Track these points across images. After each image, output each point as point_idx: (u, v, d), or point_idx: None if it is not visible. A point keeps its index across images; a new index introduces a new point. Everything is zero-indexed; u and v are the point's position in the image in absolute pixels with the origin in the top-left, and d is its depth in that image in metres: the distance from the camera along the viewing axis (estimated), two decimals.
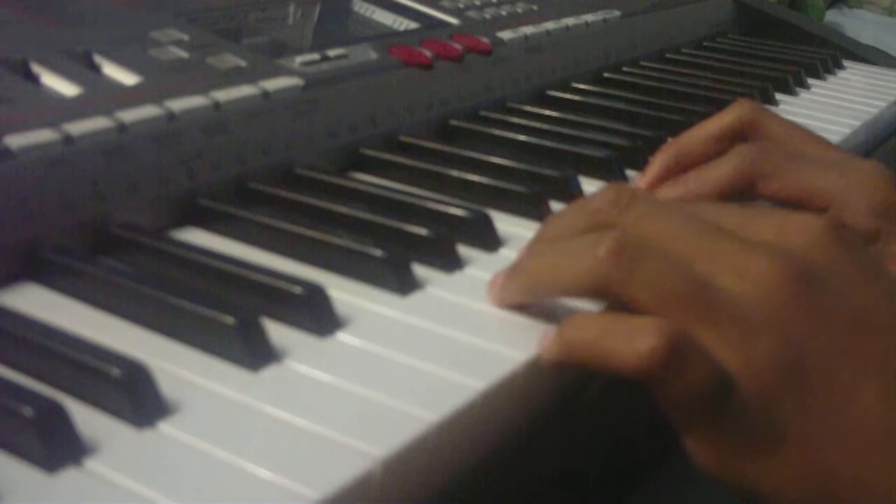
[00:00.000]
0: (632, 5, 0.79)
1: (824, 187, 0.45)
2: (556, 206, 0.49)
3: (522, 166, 0.51)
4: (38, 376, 0.32)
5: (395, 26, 0.64)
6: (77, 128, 0.40)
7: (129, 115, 0.42)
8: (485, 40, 0.62)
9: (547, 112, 0.62)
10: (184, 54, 0.49)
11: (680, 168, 0.48)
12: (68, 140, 0.40)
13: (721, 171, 0.46)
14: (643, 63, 0.77)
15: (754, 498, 0.33)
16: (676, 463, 0.47)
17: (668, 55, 0.81)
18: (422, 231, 0.42)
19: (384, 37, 0.61)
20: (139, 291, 0.36)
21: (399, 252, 0.40)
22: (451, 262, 0.42)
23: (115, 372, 0.31)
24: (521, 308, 0.38)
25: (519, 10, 0.70)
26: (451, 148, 0.54)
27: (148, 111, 0.43)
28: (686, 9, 0.87)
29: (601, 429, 0.42)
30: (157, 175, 0.43)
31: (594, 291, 0.35)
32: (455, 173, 0.50)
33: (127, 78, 0.46)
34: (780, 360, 0.32)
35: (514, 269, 0.38)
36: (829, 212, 0.44)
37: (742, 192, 0.46)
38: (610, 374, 0.33)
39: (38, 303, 0.37)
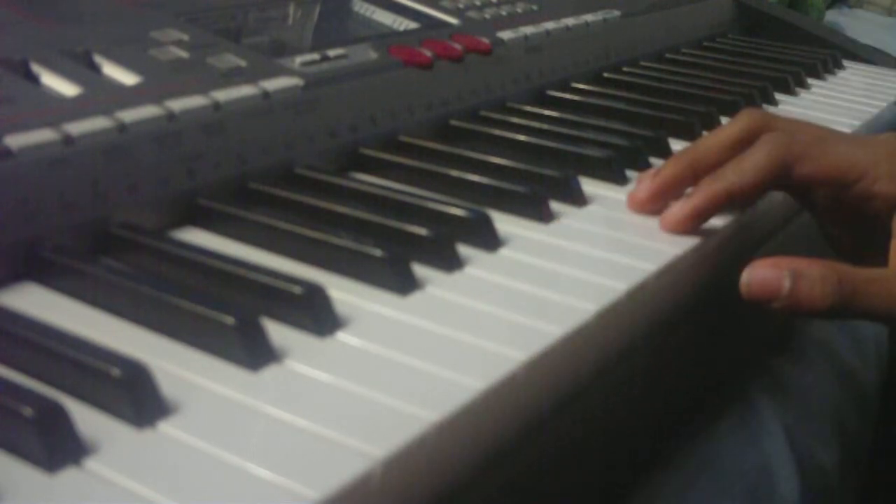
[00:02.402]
0: (632, 5, 0.79)
1: (855, 161, 0.47)
2: (556, 206, 0.49)
3: (522, 166, 0.51)
4: (38, 376, 0.32)
5: (395, 26, 0.64)
6: (77, 128, 0.40)
7: (129, 115, 0.42)
8: (485, 40, 0.62)
9: (547, 112, 0.62)
10: (184, 54, 0.49)
11: (694, 176, 0.49)
12: (68, 140, 0.40)
13: (758, 159, 0.47)
14: (643, 63, 0.77)
15: None
16: (676, 463, 0.47)
17: (668, 55, 0.81)
18: (422, 231, 0.42)
19: (384, 37, 0.61)
20: (139, 291, 0.36)
21: (399, 252, 0.40)
22: (451, 262, 0.42)
23: (115, 372, 0.31)
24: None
25: (519, 10, 0.70)
26: (451, 148, 0.54)
27: (148, 111, 0.43)
28: (686, 9, 0.87)
29: (600, 429, 0.42)
30: (157, 175, 0.43)
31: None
32: (455, 173, 0.50)
33: (127, 78, 0.46)
34: None
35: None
36: (860, 183, 0.47)
37: (780, 180, 0.48)
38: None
39: (38, 303, 0.37)
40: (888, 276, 0.44)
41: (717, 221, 0.48)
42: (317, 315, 0.36)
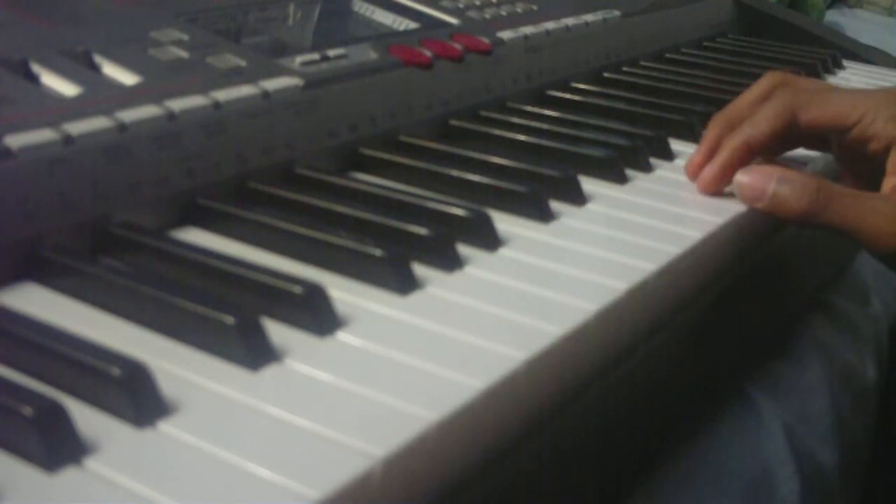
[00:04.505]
0: (632, 5, 0.79)
1: (854, 105, 0.53)
2: (556, 205, 0.49)
3: (522, 166, 0.51)
4: (38, 376, 0.32)
5: (395, 26, 0.64)
6: (77, 128, 0.40)
7: (129, 115, 0.42)
8: (485, 40, 0.62)
9: (547, 112, 0.62)
10: (184, 54, 0.49)
11: (733, 129, 0.54)
12: (68, 140, 0.40)
13: (767, 112, 0.53)
14: (643, 63, 0.77)
15: None
16: (676, 463, 0.47)
17: (668, 55, 0.81)
18: (422, 231, 0.42)
19: (384, 37, 0.61)
20: (139, 291, 0.36)
21: (399, 252, 0.40)
22: (451, 262, 0.42)
23: (115, 372, 0.31)
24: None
25: (519, 10, 0.70)
26: (451, 148, 0.54)
27: (148, 111, 0.43)
28: (686, 9, 0.87)
29: (600, 428, 0.42)
30: (157, 175, 0.43)
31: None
32: (455, 173, 0.50)
33: (127, 78, 0.46)
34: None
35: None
36: (858, 125, 0.52)
37: (789, 127, 0.53)
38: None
39: (38, 303, 0.37)
40: (863, 195, 0.49)
41: (717, 220, 0.49)
42: (317, 315, 0.36)
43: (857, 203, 0.48)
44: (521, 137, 0.57)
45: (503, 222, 0.45)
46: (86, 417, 0.30)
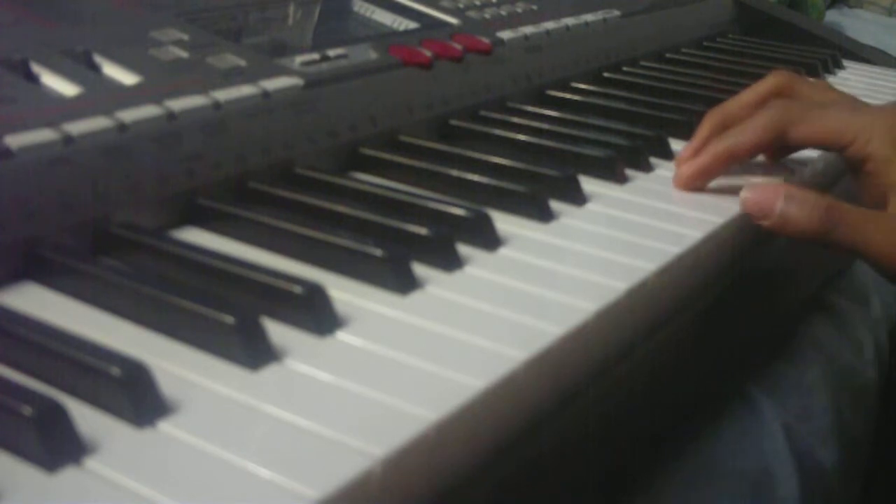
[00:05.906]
0: (632, 5, 0.79)
1: (847, 125, 0.51)
2: (556, 205, 0.49)
3: (522, 166, 0.51)
4: (38, 376, 0.32)
5: (395, 26, 0.64)
6: (77, 128, 0.40)
7: (129, 115, 0.42)
8: (485, 40, 0.62)
9: (547, 112, 0.62)
10: (184, 54, 0.49)
11: (725, 129, 0.54)
12: (68, 140, 0.40)
13: (757, 123, 0.52)
14: (643, 63, 0.77)
15: None
16: (676, 463, 0.47)
17: (668, 55, 0.81)
18: (422, 230, 0.42)
19: (384, 37, 0.61)
20: (139, 291, 0.36)
21: (399, 251, 0.40)
22: (451, 262, 0.42)
23: (115, 371, 0.31)
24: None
25: (519, 10, 0.70)
26: (451, 148, 0.54)
27: (148, 111, 0.43)
28: (686, 9, 0.87)
29: (601, 428, 0.42)
30: (157, 175, 0.43)
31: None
32: (455, 173, 0.50)
33: (127, 78, 0.46)
34: None
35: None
36: (854, 144, 0.51)
37: (778, 140, 0.52)
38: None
39: (38, 303, 0.37)
40: (871, 214, 0.48)
41: (717, 219, 0.49)
42: (317, 315, 0.36)
43: (865, 223, 0.47)
44: (521, 137, 0.57)
45: (503, 222, 0.45)
46: (86, 417, 0.30)
